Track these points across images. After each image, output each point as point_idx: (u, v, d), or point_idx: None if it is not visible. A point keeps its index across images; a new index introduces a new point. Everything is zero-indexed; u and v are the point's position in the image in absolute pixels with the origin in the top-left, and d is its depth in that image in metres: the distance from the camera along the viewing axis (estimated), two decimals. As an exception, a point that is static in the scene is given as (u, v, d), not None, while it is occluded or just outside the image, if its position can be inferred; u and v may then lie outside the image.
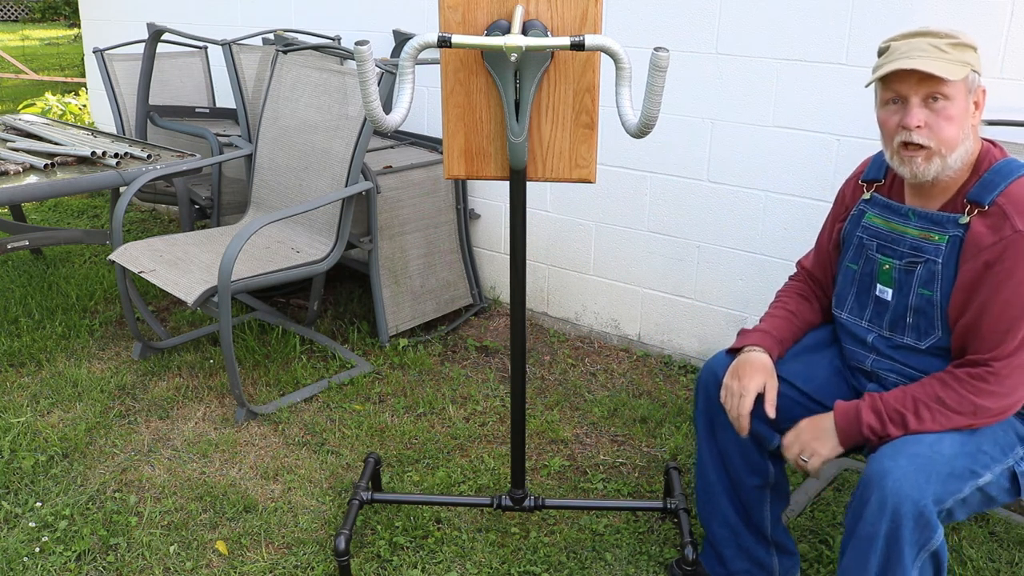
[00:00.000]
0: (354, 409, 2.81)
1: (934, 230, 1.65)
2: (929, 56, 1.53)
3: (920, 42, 1.55)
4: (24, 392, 2.86)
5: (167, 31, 3.69)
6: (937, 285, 1.64)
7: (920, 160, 1.57)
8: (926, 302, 1.66)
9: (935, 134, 1.55)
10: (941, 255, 1.63)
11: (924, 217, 1.67)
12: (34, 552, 2.13)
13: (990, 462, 1.56)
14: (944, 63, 1.52)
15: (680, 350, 3.20)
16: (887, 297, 1.73)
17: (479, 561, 2.13)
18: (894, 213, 1.73)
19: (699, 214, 3.00)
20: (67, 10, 12.73)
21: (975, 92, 1.58)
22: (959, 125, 1.55)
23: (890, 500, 1.47)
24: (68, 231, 3.50)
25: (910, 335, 1.71)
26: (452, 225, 3.46)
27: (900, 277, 1.70)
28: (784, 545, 1.96)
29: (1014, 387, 1.56)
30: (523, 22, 1.64)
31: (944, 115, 1.54)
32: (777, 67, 2.71)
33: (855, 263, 1.81)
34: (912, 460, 1.49)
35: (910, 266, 1.68)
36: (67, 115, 6.71)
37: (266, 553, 2.15)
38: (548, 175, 1.79)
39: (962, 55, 1.54)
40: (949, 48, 1.53)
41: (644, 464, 2.55)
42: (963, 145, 1.57)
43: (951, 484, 1.50)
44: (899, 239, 1.71)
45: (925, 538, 1.49)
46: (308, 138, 3.12)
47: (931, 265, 1.64)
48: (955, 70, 1.52)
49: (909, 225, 1.69)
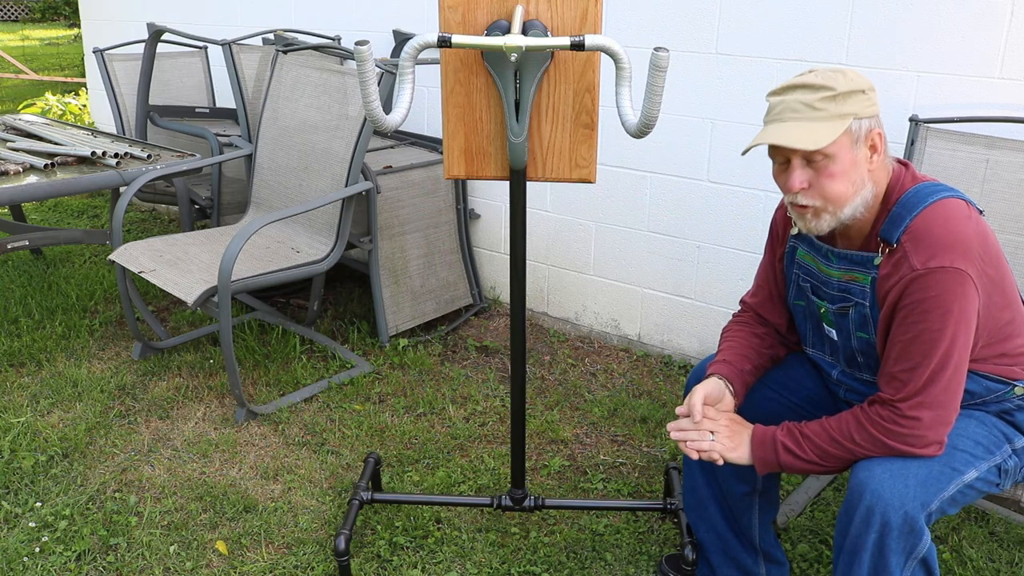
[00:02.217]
0: (354, 409, 2.81)
1: (857, 270, 1.60)
2: (800, 117, 1.48)
3: (792, 100, 1.49)
4: (24, 392, 2.86)
5: (167, 31, 3.69)
6: (871, 328, 1.61)
7: (810, 217, 1.55)
8: (866, 344, 1.64)
9: (819, 193, 1.51)
10: (868, 298, 1.59)
11: (843, 258, 1.63)
12: (34, 552, 2.13)
13: (971, 459, 1.55)
14: (813, 125, 1.47)
15: (680, 350, 3.20)
16: (834, 337, 1.72)
17: (479, 561, 2.12)
18: (817, 252, 1.69)
19: (699, 214, 3.00)
20: (67, 10, 12.73)
21: (868, 137, 1.51)
22: (846, 179, 1.50)
23: (875, 510, 1.46)
24: (68, 231, 3.50)
25: (866, 372, 1.70)
26: (452, 225, 3.46)
27: (837, 321, 1.68)
28: (772, 554, 1.95)
29: (929, 425, 1.49)
30: (523, 22, 1.63)
31: (826, 174, 1.50)
32: (777, 67, 2.71)
33: (800, 300, 1.78)
34: (886, 467, 1.49)
35: (842, 310, 1.65)
36: (67, 115, 6.71)
37: (266, 553, 2.15)
38: (548, 175, 1.79)
39: (840, 107, 1.47)
40: (823, 103, 1.47)
41: (644, 464, 2.55)
42: (858, 195, 1.53)
43: (931, 485, 1.49)
44: (827, 281, 1.67)
45: (911, 545, 1.48)
46: (308, 138, 3.12)
47: (861, 308, 1.61)
48: (824, 133, 1.46)
49: (832, 267, 1.65)
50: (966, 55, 2.38)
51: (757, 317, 1.89)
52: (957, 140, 2.25)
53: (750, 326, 1.87)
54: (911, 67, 2.48)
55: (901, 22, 2.46)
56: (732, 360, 1.78)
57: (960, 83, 2.41)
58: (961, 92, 2.42)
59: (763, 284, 1.88)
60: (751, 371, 1.79)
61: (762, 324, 1.88)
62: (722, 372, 1.76)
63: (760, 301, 1.88)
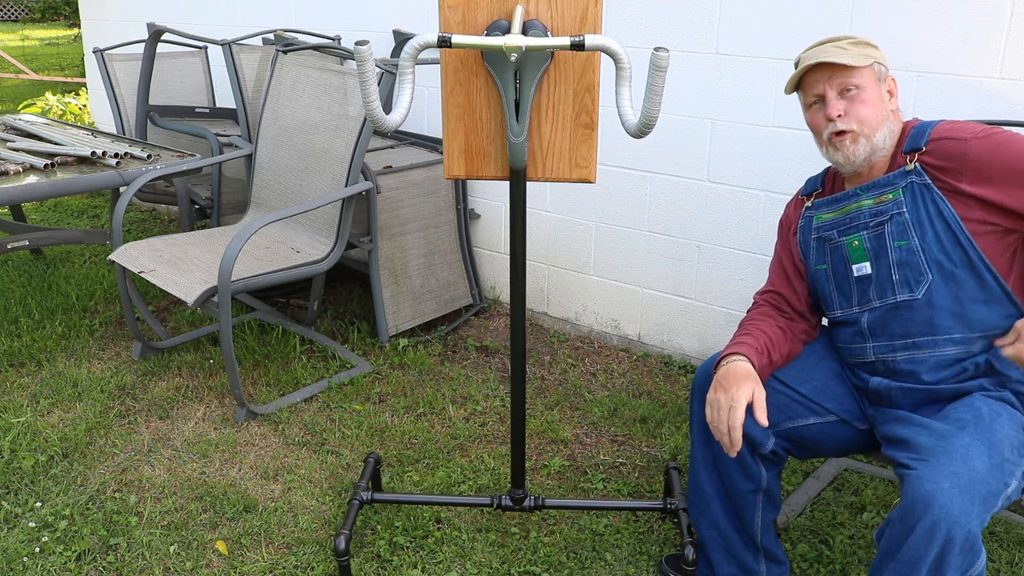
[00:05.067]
0: (354, 409, 2.81)
1: (886, 190, 1.74)
2: (834, 52, 1.70)
3: (822, 47, 1.73)
4: (24, 392, 2.86)
5: (167, 31, 3.69)
6: (911, 232, 1.70)
7: (848, 143, 1.72)
8: (906, 251, 1.70)
9: (855, 118, 1.71)
10: (904, 205, 1.70)
11: (871, 187, 1.76)
12: (34, 552, 2.13)
13: (1013, 468, 1.53)
14: (847, 53, 1.69)
15: (680, 350, 3.20)
16: (867, 271, 1.76)
17: (479, 561, 2.13)
18: (842, 200, 1.81)
19: (699, 214, 3.00)
20: (67, 10, 12.73)
21: (885, 81, 1.74)
22: (876, 108, 1.71)
23: (941, 526, 1.43)
24: (68, 231, 3.50)
25: (902, 292, 1.72)
26: (452, 225, 3.46)
27: (872, 244, 1.74)
28: (773, 553, 1.95)
29: None
30: (523, 22, 1.63)
31: (859, 100, 1.70)
32: (777, 67, 2.71)
33: (822, 263, 1.84)
34: (954, 482, 1.45)
35: (878, 228, 1.74)
36: (67, 115, 6.71)
37: (266, 553, 2.15)
38: (548, 175, 1.79)
39: (864, 50, 1.71)
40: (850, 46, 1.71)
41: (644, 464, 2.55)
42: (886, 125, 1.72)
43: (990, 502, 1.47)
44: (856, 215, 1.78)
45: (969, 563, 1.47)
46: (308, 138, 3.12)
47: (898, 218, 1.71)
48: (859, 59, 1.69)
49: (862, 199, 1.77)
50: (966, 55, 2.39)
51: (776, 301, 1.93)
52: (957, 140, 2.26)
53: (772, 317, 1.91)
54: (911, 67, 2.48)
55: (901, 22, 2.47)
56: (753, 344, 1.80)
57: (960, 83, 2.41)
58: (961, 92, 2.42)
59: (777, 271, 1.95)
60: (768, 364, 1.82)
61: (782, 314, 1.91)
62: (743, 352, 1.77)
63: (777, 284, 1.94)
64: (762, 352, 1.79)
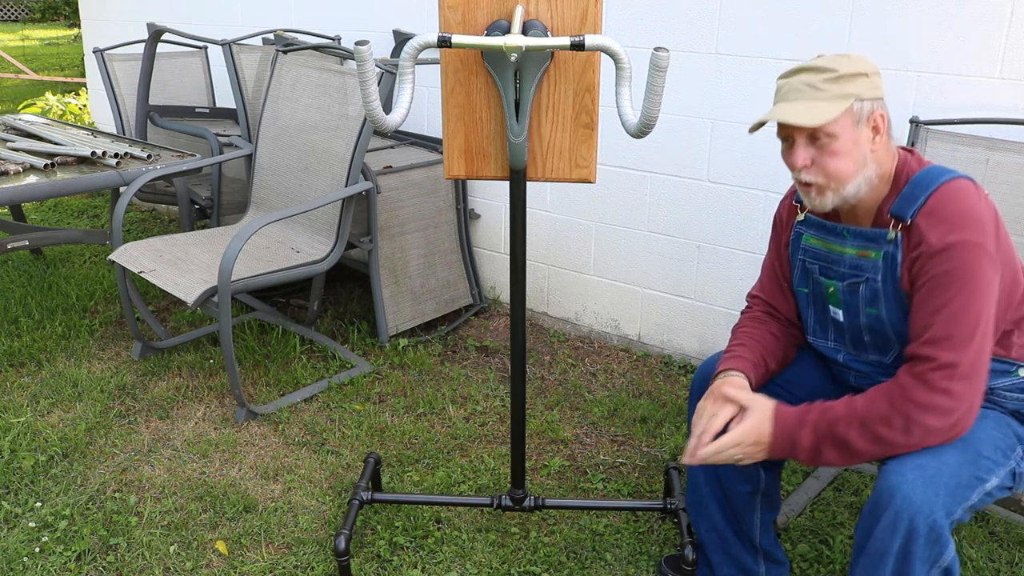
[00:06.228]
0: (354, 409, 2.81)
1: (870, 247, 1.64)
2: (803, 98, 1.54)
3: (797, 81, 1.56)
4: (24, 392, 2.86)
5: (167, 31, 3.69)
6: (881, 304, 1.63)
7: (814, 194, 1.60)
8: (875, 320, 1.65)
9: (821, 170, 1.56)
10: (879, 272, 1.62)
11: (858, 235, 1.66)
12: (34, 552, 2.13)
13: (993, 466, 1.55)
14: (816, 104, 1.53)
15: (680, 350, 3.20)
16: (840, 318, 1.73)
17: (479, 561, 2.13)
18: (829, 233, 1.72)
19: (699, 214, 3.00)
20: (67, 10, 12.73)
21: (870, 118, 1.56)
22: (848, 158, 1.55)
23: (903, 516, 1.45)
24: (68, 231, 3.50)
25: (873, 352, 1.71)
26: (452, 225, 3.46)
27: (846, 298, 1.69)
28: (772, 554, 1.95)
29: (961, 396, 1.49)
30: (523, 22, 1.63)
31: (828, 152, 1.55)
32: (777, 67, 2.71)
33: (804, 286, 1.80)
34: (919, 473, 1.47)
35: (852, 287, 1.67)
36: (67, 115, 6.71)
37: (266, 553, 2.15)
38: (548, 175, 1.79)
39: (842, 88, 1.53)
40: (826, 84, 1.53)
41: (644, 464, 2.55)
42: (860, 174, 1.57)
43: (959, 494, 1.48)
44: (838, 259, 1.70)
45: (936, 554, 1.47)
46: (308, 138, 3.12)
47: (872, 284, 1.63)
48: (824, 111, 1.52)
49: (846, 244, 1.68)
50: (966, 55, 2.39)
51: (768, 308, 1.90)
52: (957, 142, 2.26)
53: (765, 324, 1.88)
54: (911, 67, 2.48)
55: (901, 22, 2.47)
56: (749, 357, 1.78)
57: (960, 83, 2.41)
58: (961, 92, 2.42)
59: (769, 274, 1.90)
60: (765, 375, 1.80)
61: (775, 320, 1.89)
62: (740, 368, 1.75)
63: (768, 291, 1.90)
64: (759, 364, 1.78)
